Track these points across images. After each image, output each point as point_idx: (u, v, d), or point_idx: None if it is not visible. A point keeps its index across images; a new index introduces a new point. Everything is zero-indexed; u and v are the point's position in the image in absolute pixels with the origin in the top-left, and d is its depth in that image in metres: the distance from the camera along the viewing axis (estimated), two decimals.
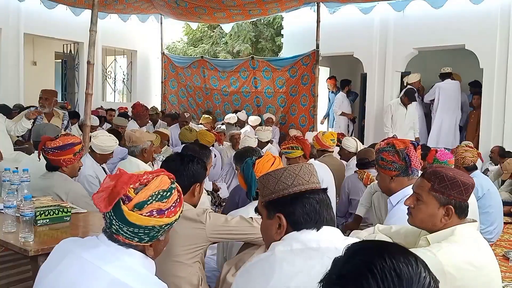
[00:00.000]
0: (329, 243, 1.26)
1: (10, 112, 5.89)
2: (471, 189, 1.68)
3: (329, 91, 9.06)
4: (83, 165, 3.24)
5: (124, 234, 1.25)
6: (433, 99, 7.54)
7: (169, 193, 1.28)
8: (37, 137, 3.51)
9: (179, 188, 1.34)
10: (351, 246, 0.90)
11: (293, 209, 1.32)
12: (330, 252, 1.21)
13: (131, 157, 3.75)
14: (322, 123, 9.05)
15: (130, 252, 1.27)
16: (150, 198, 1.24)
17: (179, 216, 1.32)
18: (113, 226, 1.25)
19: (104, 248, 1.26)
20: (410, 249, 1.59)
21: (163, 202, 1.26)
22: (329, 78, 8.92)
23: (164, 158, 4.67)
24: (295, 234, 1.31)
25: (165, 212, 1.26)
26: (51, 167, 2.93)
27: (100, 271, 1.20)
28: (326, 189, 1.39)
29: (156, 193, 1.26)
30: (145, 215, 1.23)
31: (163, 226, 1.28)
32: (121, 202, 1.23)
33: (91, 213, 2.77)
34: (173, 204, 1.29)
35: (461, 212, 1.70)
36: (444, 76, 7.51)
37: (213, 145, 5.43)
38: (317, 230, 1.31)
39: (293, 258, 1.23)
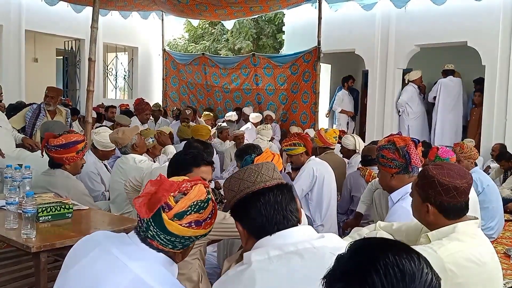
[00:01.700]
0: (306, 243, 1.22)
1: (19, 111, 5.89)
2: (454, 192, 1.65)
3: (339, 88, 9.04)
4: (85, 162, 3.25)
5: (160, 240, 1.26)
6: (435, 96, 7.54)
7: (206, 204, 1.30)
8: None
9: (213, 198, 1.35)
10: (354, 243, 0.90)
11: (247, 215, 1.29)
12: (309, 253, 1.20)
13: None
14: (327, 116, 9.05)
15: (158, 255, 1.28)
16: (189, 208, 1.26)
17: (212, 227, 1.34)
18: (149, 232, 1.26)
19: (134, 247, 1.28)
20: (412, 247, 1.60)
21: (200, 213, 1.28)
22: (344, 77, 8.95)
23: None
24: (267, 240, 1.25)
25: (202, 224, 1.28)
26: (54, 164, 2.94)
27: (125, 268, 1.22)
28: (287, 184, 1.35)
29: (195, 203, 1.27)
30: (184, 226, 1.25)
31: (198, 237, 1.30)
32: (162, 210, 1.24)
33: (93, 210, 2.78)
34: (209, 216, 1.30)
35: (447, 213, 1.68)
36: (446, 73, 7.49)
37: (212, 145, 5.43)
38: (284, 230, 1.25)
39: (273, 266, 1.17)
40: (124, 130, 3.73)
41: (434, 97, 7.59)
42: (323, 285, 0.87)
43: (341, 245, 1.23)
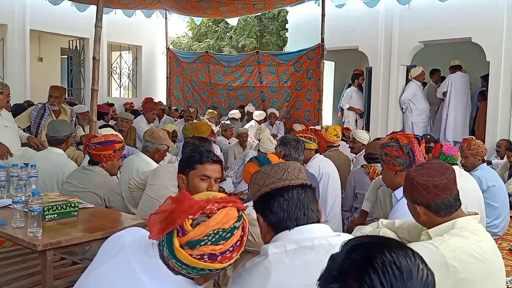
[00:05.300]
0: (323, 239, 1.26)
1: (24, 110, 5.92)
2: (435, 189, 1.64)
3: (348, 85, 8.98)
4: (122, 165, 3.33)
5: (174, 263, 1.14)
6: (446, 91, 7.50)
7: (229, 235, 1.11)
8: (53, 132, 3.58)
9: (246, 223, 1.17)
10: (348, 242, 0.89)
11: (269, 208, 1.32)
12: (324, 249, 1.23)
13: (142, 153, 3.77)
14: (339, 116, 8.94)
15: (176, 277, 1.16)
16: (206, 237, 1.09)
17: (234, 261, 1.15)
18: (164, 251, 1.14)
19: (154, 262, 1.17)
20: (414, 243, 1.61)
21: (219, 245, 1.09)
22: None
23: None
24: (286, 234, 1.29)
25: (218, 258, 1.10)
26: (92, 162, 3.03)
27: (140, 284, 1.14)
28: (311, 185, 1.40)
29: (215, 231, 1.09)
30: (194, 257, 1.09)
31: (213, 270, 1.13)
32: (175, 233, 1.10)
33: (98, 208, 2.80)
34: (230, 249, 1.11)
35: (437, 211, 1.67)
36: (454, 69, 7.46)
37: (209, 139, 5.40)
38: (302, 226, 1.29)
39: (288, 259, 1.21)
40: (166, 134, 3.83)
41: (444, 93, 7.56)
42: (318, 286, 0.85)
43: None
